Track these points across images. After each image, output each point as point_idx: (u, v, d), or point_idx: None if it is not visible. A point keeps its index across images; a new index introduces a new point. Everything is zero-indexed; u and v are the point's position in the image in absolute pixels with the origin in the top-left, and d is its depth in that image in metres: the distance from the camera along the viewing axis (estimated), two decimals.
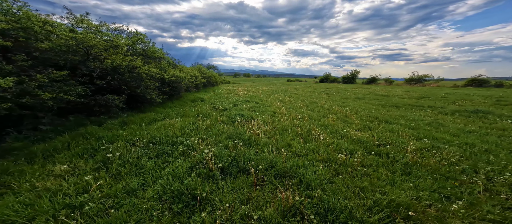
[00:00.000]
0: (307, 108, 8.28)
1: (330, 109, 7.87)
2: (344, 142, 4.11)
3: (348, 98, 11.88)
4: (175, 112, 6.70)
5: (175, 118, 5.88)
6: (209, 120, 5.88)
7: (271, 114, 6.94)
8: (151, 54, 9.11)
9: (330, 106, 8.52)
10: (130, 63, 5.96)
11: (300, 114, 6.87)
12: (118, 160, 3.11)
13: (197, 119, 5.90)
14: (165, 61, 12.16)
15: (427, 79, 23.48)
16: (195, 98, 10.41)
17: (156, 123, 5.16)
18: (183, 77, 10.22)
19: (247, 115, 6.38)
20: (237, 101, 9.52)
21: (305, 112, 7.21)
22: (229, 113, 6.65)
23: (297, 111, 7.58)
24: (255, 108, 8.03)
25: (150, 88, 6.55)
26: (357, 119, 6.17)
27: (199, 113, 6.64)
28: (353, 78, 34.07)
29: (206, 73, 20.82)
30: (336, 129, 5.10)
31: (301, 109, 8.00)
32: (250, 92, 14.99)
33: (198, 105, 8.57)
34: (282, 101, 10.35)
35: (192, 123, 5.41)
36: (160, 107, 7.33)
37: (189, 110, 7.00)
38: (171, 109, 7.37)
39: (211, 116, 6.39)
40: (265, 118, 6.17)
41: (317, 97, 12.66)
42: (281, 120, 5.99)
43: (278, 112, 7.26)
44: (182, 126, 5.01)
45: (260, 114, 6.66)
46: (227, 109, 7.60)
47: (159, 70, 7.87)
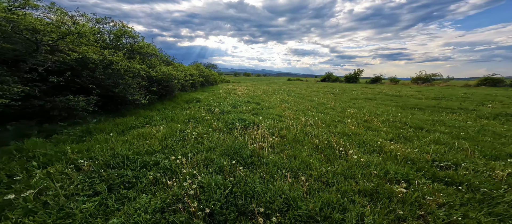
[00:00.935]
0: (316, 111, 7.20)
1: (344, 112, 6.79)
2: (386, 162, 3.02)
3: (358, 99, 10.80)
4: (162, 116, 5.60)
5: (159, 124, 4.79)
6: (202, 126, 4.79)
7: (276, 118, 5.86)
8: (138, 49, 8.01)
9: (343, 108, 7.43)
10: (106, 57, 4.86)
11: (310, 118, 5.80)
12: (29, 204, 1.92)
13: (187, 126, 4.81)
14: (158, 58, 11.07)
15: (436, 79, 22.41)
16: (190, 99, 9.32)
17: (132, 132, 4.07)
18: (176, 75, 9.12)
19: (249, 120, 5.30)
20: (236, 102, 8.43)
21: (316, 116, 6.13)
22: (227, 117, 5.57)
23: (306, 114, 6.50)
24: (257, 110, 6.95)
25: (132, 88, 5.46)
26: (383, 125, 5.08)
27: (191, 117, 5.55)
28: (356, 78, 33.01)
29: (204, 71, 19.73)
30: (363, 139, 4.01)
31: (310, 112, 6.92)
32: (251, 91, 13.90)
33: (192, 106, 7.48)
34: (287, 102, 9.27)
35: (179, 131, 4.32)
36: (146, 110, 6.24)
37: (180, 114, 5.90)
38: (160, 111, 6.28)
39: (205, 121, 5.30)
40: (270, 123, 5.09)
41: (323, 97, 11.58)
42: (289, 127, 4.91)
43: (284, 116, 6.18)
44: (165, 136, 3.92)
45: (263, 119, 5.58)
46: (225, 111, 6.51)
47: (146, 67, 6.77)
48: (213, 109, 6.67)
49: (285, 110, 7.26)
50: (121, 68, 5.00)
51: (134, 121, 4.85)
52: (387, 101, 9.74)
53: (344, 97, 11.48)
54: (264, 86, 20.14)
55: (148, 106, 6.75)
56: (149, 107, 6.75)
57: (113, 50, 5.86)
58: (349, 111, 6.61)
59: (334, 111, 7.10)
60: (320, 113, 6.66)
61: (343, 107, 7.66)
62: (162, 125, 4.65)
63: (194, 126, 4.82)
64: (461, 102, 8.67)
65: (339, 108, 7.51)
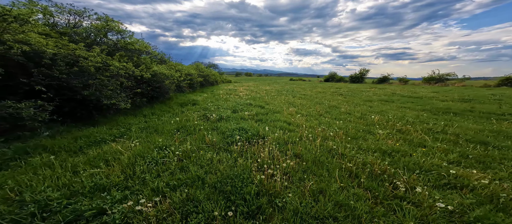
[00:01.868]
0: (330, 116, 6.10)
1: (365, 118, 5.67)
2: (489, 212, 1.90)
3: (372, 101, 9.66)
4: (145, 124, 4.53)
5: (135, 137, 3.71)
6: (192, 140, 3.73)
7: (284, 126, 4.77)
8: (124, 45, 6.97)
9: (362, 114, 6.30)
10: (71, 52, 3.81)
11: (327, 126, 4.70)
12: None
13: (172, 139, 3.75)
14: (151, 56, 10.05)
15: (450, 78, 21.10)
16: (186, 101, 8.27)
17: (91, 151, 3.00)
18: (169, 75, 8.08)
19: (252, 130, 4.22)
20: (237, 105, 7.35)
21: (333, 123, 5.03)
22: (225, 127, 4.50)
23: (320, 121, 5.41)
24: (261, 116, 5.86)
25: (108, 89, 4.40)
26: (429, 137, 3.95)
27: (180, 127, 4.48)
28: (361, 77, 31.76)
29: (203, 71, 18.69)
30: (415, 161, 2.89)
31: (324, 118, 5.81)
32: (253, 92, 12.83)
33: (186, 111, 6.42)
34: (293, 105, 8.17)
35: (159, 149, 3.24)
36: (128, 116, 5.18)
37: (168, 122, 4.84)
38: (145, 118, 5.22)
39: (197, 132, 4.23)
40: (278, 136, 4.00)
41: (332, 99, 10.46)
42: (304, 139, 3.83)
43: (294, 123, 5.09)
44: (136, 158, 2.85)
45: (270, 128, 4.49)
46: (223, 118, 5.44)
47: (132, 65, 5.71)
48: (209, 115, 5.59)
49: (294, 115, 6.17)
50: (91, 65, 3.95)
51: (104, 133, 3.78)
52: (408, 103, 8.60)
53: (355, 99, 10.34)
54: (266, 86, 19.07)
55: (132, 111, 5.70)
56: (134, 112, 5.70)
57: (92, 46, 4.82)
58: (373, 118, 5.47)
59: (351, 116, 5.99)
60: (336, 120, 5.55)
61: (362, 112, 6.53)
62: (139, 140, 3.57)
63: (182, 140, 3.75)
64: (498, 106, 7.49)
65: (357, 113, 6.39)
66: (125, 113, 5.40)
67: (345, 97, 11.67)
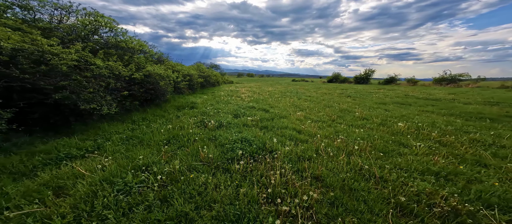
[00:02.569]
0: (344, 122, 5.34)
1: (388, 125, 4.90)
2: None
3: (386, 103, 8.87)
4: (130, 133, 3.82)
5: (111, 151, 3.01)
6: (183, 155, 3.02)
7: (295, 136, 4.04)
8: (115, 43, 6.32)
9: (383, 119, 5.52)
10: (35, 47, 3.12)
11: (346, 136, 3.95)
12: None
13: (159, 154, 3.04)
14: (147, 55, 9.41)
15: (463, 79, 20.10)
16: (184, 103, 7.59)
17: (45, 173, 2.30)
18: (164, 75, 7.40)
19: (257, 142, 3.50)
20: (239, 109, 6.64)
21: (351, 131, 4.28)
22: (224, 137, 3.78)
23: (334, 128, 4.66)
24: (266, 122, 5.14)
25: (87, 92, 3.72)
26: (491, 155, 3.16)
27: (172, 137, 3.77)
28: (367, 78, 30.85)
29: (204, 71, 18.05)
30: (488, 190, 2.14)
31: (339, 125, 5.07)
32: (255, 94, 12.12)
33: (183, 116, 5.73)
34: (300, 108, 7.44)
35: (136, 170, 2.53)
36: (114, 123, 4.49)
37: (158, 130, 4.13)
38: (133, 124, 4.53)
39: (190, 144, 3.52)
40: (290, 150, 3.27)
41: (341, 101, 9.69)
42: (321, 153, 3.09)
43: (305, 131, 4.35)
44: (103, 183, 2.14)
45: (278, 139, 3.75)
46: (222, 124, 4.73)
47: (120, 64, 5.04)
48: (207, 121, 4.88)
49: (303, 121, 5.43)
50: (62, 63, 3.26)
51: (73, 145, 3.06)
52: (428, 107, 7.79)
53: (367, 101, 9.56)
54: (269, 88, 18.37)
55: (120, 116, 5.01)
56: (122, 117, 5.01)
57: (78, 44, 4.15)
58: (398, 125, 4.68)
59: (370, 122, 5.22)
60: (353, 127, 4.79)
61: (381, 118, 5.75)
62: (115, 155, 2.87)
63: (171, 155, 3.04)
64: None
65: (376, 118, 5.62)
66: (111, 118, 4.71)
67: (354, 99, 10.89)
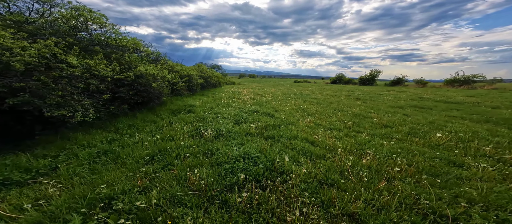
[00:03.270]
0: (364, 131, 4.58)
1: (416, 133, 4.13)
2: None
3: (401, 107, 8.06)
4: (106, 147, 3.09)
5: (71, 174, 2.28)
6: (167, 180, 2.30)
7: (309, 149, 3.29)
8: (99, 40, 5.65)
9: (411, 127, 4.73)
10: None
11: (371, 148, 3.19)
12: None
13: (134, 178, 2.32)
14: (142, 54, 8.75)
15: (478, 80, 19.09)
16: (181, 107, 6.90)
17: None
18: (159, 76, 6.72)
19: (263, 160, 2.76)
20: (240, 114, 5.92)
21: (377, 144, 3.52)
22: (223, 151, 3.05)
23: (355, 138, 3.90)
24: (272, 129, 4.40)
25: (55, 95, 3.02)
26: None
27: (157, 152, 3.05)
28: (372, 79, 29.92)
29: (205, 72, 17.38)
30: None
31: (358, 134, 4.31)
32: (258, 95, 11.40)
33: (177, 122, 5.03)
34: (308, 113, 6.70)
35: (97, 203, 1.80)
36: (93, 131, 3.78)
37: (142, 141, 3.40)
38: (116, 133, 3.82)
39: (180, 161, 2.79)
40: (307, 172, 2.52)
41: (351, 104, 8.91)
42: (350, 177, 2.35)
43: (320, 143, 3.60)
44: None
45: (290, 155, 3.01)
46: (221, 133, 4.00)
47: (104, 64, 4.35)
48: (204, 129, 4.16)
49: (314, 128, 4.68)
50: (18, 60, 2.56)
51: (22, 166, 2.34)
52: (453, 111, 6.98)
53: (379, 105, 8.76)
54: (272, 89, 17.65)
55: (103, 123, 4.31)
56: (106, 124, 4.31)
57: (51, 39, 3.45)
58: (439, 136, 3.86)
59: (395, 131, 4.44)
60: (378, 137, 4.02)
61: (408, 125, 4.95)
62: (72, 181, 2.14)
63: (152, 178, 2.32)
64: None
65: (402, 126, 4.83)
66: (91, 126, 4.01)
67: (365, 101, 10.09)
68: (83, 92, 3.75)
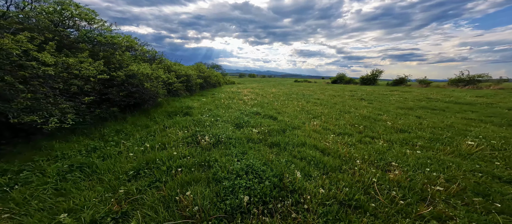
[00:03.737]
0: (380, 136, 4.13)
1: (439, 140, 3.69)
2: None
3: (411, 108, 7.62)
4: (83, 159, 2.61)
5: (32, 195, 1.81)
6: (151, 203, 1.83)
7: (321, 159, 2.84)
8: (84, 37, 5.19)
9: (432, 133, 4.28)
10: None
11: (393, 158, 2.75)
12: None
13: (109, 202, 1.85)
14: (137, 52, 8.29)
15: (483, 80, 18.67)
16: (178, 109, 6.44)
17: None
18: (153, 76, 6.25)
19: (269, 175, 2.31)
20: (241, 116, 5.47)
21: (399, 152, 3.07)
22: (221, 163, 2.59)
23: (372, 146, 3.45)
24: (277, 135, 3.95)
25: (22, 98, 2.56)
26: None
27: (144, 164, 2.58)
28: (374, 79, 29.50)
29: (204, 72, 16.91)
30: None
31: (371, 140, 3.86)
32: (259, 96, 10.95)
33: (171, 126, 4.57)
34: (313, 115, 6.25)
35: None
36: (74, 138, 3.31)
37: (128, 150, 2.95)
38: (100, 141, 3.36)
39: (170, 178, 2.33)
40: (326, 193, 2.06)
41: (356, 105, 8.46)
42: (377, 196, 1.89)
43: (332, 151, 3.15)
44: None
45: (300, 167, 2.56)
46: (221, 140, 3.54)
47: (89, 61, 3.88)
48: (201, 136, 3.70)
49: (323, 133, 4.24)
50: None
51: None
52: (467, 112, 6.54)
53: (386, 106, 8.31)
54: (272, 89, 17.21)
55: (88, 129, 3.84)
56: (90, 130, 3.84)
57: (22, 34, 2.98)
58: (470, 144, 3.40)
59: (414, 137, 3.99)
60: (397, 144, 3.57)
61: (428, 130, 4.49)
62: (34, 202, 1.68)
63: (131, 203, 1.86)
64: None
65: (421, 131, 4.37)
66: (72, 132, 3.54)
67: (371, 102, 9.65)
68: (63, 94, 3.28)
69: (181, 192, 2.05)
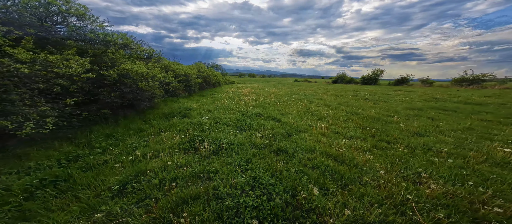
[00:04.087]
0: (397, 141, 3.76)
1: (468, 146, 3.33)
2: None
3: (421, 109, 7.26)
4: (56, 172, 2.23)
5: None
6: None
7: (335, 169, 2.47)
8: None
9: (456, 138, 3.91)
10: None
11: (424, 170, 2.38)
12: None
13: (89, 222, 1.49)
14: (133, 51, 7.90)
15: (488, 80, 18.37)
16: (176, 110, 6.07)
17: None
18: (150, 75, 5.87)
19: (279, 190, 1.94)
20: (243, 118, 5.11)
21: (426, 163, 2.71)
22: (223, 175, 2.22)
23: (393, 152, 3.09)
24: (283, 139, 3.58)
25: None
26: None
27: (132, 177, 2.21)
28: (375, 79, 29.19)
29: (204, 71, 16.52)
30: None
31: (387, 144, 3.50)
32: (260, 96, 10.58)
33: (168, 129, 4.20)
34: (319, 116, 5.90)
35: None
36: (57, 145, 2.94)
37: (115, 160, 2.58)
38: (85, 149, 2.98)
39: (162, 194, 1.95)
40: (353, 215, 1.69)
41: (362, 106, 8.09)
42: (420, 221, 1.53)
43: (347, 159, 2.78)
44: None
45: (313, 179, 2.19)
46: (222, 146, 3.16)
47: (76, 59, 3.50)
48: (200, 141, 3.32)
49: (333, 137, 3.87)
50: None
51: None
52: (481, 113, 6.18)
53: (394, 106, 7.94)
54: (273, 89, 16.84)
55: (73, 133, 3.46)
56: (77, 134, 3.46)
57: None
58: (500, 151, 3.03)
59: (434, 140, 3.62)
60: (422, 152, 3.21)
61: (451, 136, 4.12)
62: None
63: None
64: None
65: (442, 135, 4.00)
66: (55, 137, 3.16)
67: (376, 102, 9.29)
68: (43, 95, 2.90)
69: (176, 214, 1.68)
